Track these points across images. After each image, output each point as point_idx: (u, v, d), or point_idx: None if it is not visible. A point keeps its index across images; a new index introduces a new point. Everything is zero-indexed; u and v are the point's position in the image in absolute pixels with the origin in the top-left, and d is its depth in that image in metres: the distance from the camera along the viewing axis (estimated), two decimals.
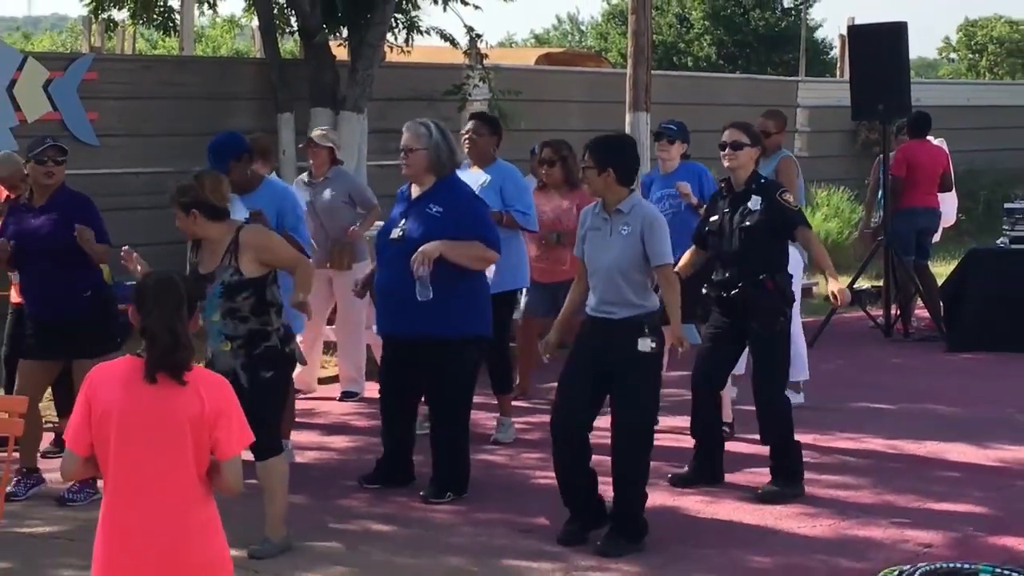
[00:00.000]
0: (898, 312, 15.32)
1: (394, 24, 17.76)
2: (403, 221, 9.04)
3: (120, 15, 19.19)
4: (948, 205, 16.24)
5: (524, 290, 11.29)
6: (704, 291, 9.36)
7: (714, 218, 9.35)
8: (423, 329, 8.85)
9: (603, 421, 8.35)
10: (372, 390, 10.63)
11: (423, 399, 9.40)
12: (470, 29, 18.03)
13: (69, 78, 14.17)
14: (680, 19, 47.42)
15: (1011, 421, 11.34)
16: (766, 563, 7.89)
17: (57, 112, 13.99)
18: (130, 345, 6.26)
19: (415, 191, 9.14)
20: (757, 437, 9.49)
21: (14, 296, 9.59)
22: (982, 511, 8.89)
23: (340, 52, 17.30)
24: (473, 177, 10.18)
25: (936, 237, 16.01)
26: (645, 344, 7.98)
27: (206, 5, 20.15)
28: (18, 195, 9.41)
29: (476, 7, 18.40)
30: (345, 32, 17.42)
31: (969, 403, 12.00)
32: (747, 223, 9.13)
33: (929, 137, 15.76)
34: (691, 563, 7.83)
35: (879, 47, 15.38)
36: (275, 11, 17.40)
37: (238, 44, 36.05)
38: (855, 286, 15.75)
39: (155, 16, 18.80)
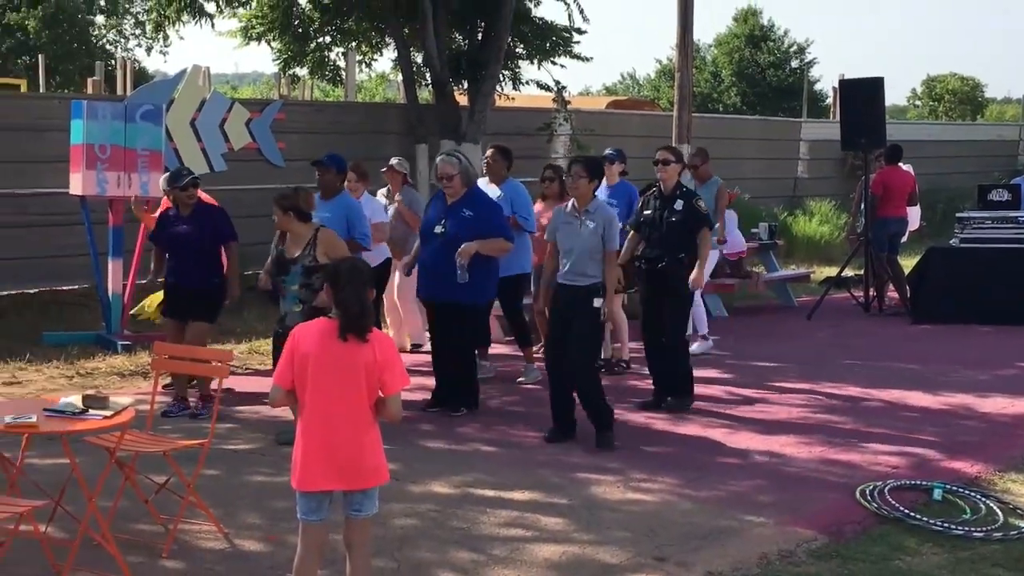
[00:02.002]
0: (875, 294, 15.20)
1: (502, 78, 17.79)
2: (443, 220, 9.38)
3: (302, 71, 19.37)
4: (914, 215, 16.19)
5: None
6: (636, 264, 9.81)
7: (647, 212, 9.76)
8: (451, 296, 9.29)
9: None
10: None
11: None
12: (557, 82, 18.06)
13: (264, 117, 14.27)
14: (714, 75, 47.23)
15: (957, 375, 11.19)
16: (774, 475, 7.82)
17: (255, 143, 14.08)
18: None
19: (450, 198, 9.44)
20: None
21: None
22: (935, 442, 8.76)
23: (462, 99, 17.33)
24: (490, 192, 10.41)
25: (904, 239, 15.89)
26: (598, 302, 8.44)
27: (364, 64, 20.34)
28: (168, 208, 9.73)
29: (562, 66, 18.45)
30: (466, 84, 17.45)
31: (926, 361, 11.83)
32: (672, 219, 9.57)
33: (900, 164, 15.58)
34: (718, 475, 7.77)
35: (862, 96, 15.18)
36: (414, 69, 17.48)
37: (387, 93, 36.17)
38: (843, 274, 15.69)
39: (327, 72, 18.99)
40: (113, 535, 5.98)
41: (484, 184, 10.53)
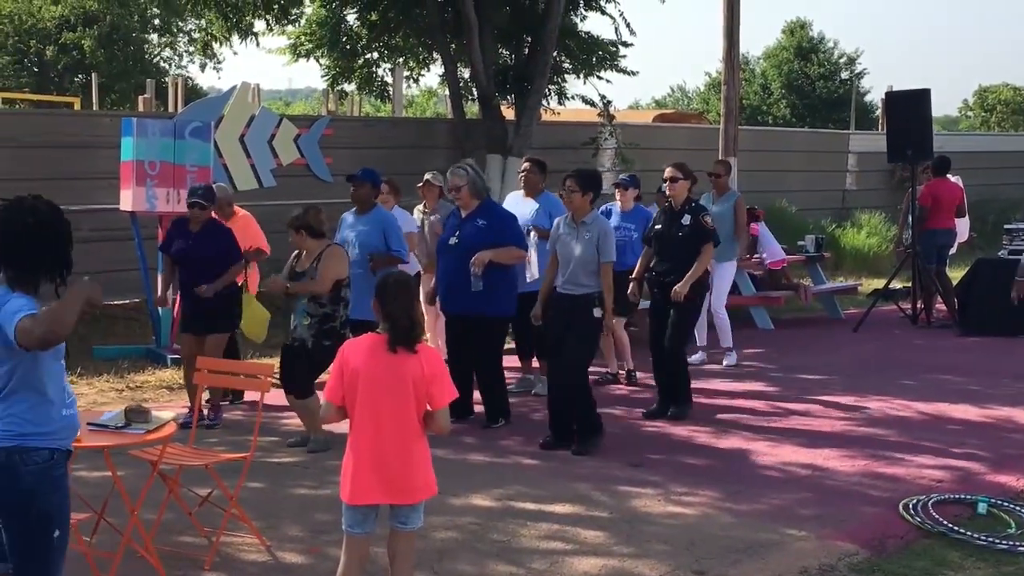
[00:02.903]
0: (922, 306, 15.08)
1: (548, 92, 17.80)
2: (458, 232, 9.45)
3: (350, 87, 19.50)
4: (962, 227, 16.04)
5: None
6: (646, 276, 10.05)
7: (658, 227, 10.04)
8: (472, 308, 9.30)
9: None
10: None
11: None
12: (603, 96, 18.04)
13: (312, 133, 14.34)
14: (763, 88, 47.08)
15: (1004, 387, 11.08)
16: (816, 488, 7.76)
17: (303, 158, 14.14)
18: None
19: (463, 211, 9.51)
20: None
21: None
22: (980, 455, 8.67)
23: (508, 113, 17.36)
24: (528, 205, 10.42)
25: (952, 251, 15.76)
26: (598, 312, 8.61)
27: (412, 80, 20.43)
28: (181, 216, 9.83)
29: (608, 81, 18.38)
30: (512, 98, 17.48)
31: (974, 374, 11.72)
32: (680, 234, 9.81)
33: (949, 175, 15.45)
34: (759, 488, 7.73)
35: (909, 108, 15.10)
36: (461, 84, 17.54)
37: (438, 108, 36.30)
38: (890, 286, 15.57)
39: (374, 88, 19.11)
40: (156, 547, 6.05)
41: (520, 197, 10.56)
